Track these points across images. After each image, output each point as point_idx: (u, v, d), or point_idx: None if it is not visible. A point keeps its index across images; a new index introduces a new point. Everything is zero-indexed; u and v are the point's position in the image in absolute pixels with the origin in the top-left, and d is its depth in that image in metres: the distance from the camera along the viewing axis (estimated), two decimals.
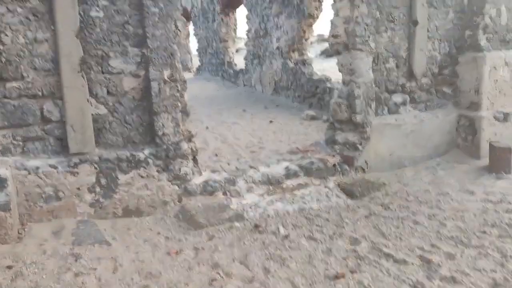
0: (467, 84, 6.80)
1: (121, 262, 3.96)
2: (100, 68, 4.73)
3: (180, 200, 5.12)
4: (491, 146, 6.13)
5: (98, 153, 4.75)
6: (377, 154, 6.36)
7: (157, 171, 4.98)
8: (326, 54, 22.45)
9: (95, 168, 4.70)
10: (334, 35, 6.36)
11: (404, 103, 6.71)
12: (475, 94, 6.66)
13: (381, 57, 6.41)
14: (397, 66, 6.58)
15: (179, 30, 4.91)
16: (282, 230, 4.62)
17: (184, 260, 4.02)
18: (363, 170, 6.29)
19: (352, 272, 3.71)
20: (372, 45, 6.17)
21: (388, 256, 3.96)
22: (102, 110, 4.80)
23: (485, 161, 6.31)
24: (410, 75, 6.65)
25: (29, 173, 4.44)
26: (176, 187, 5.10)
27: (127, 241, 4.37)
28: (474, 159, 6.53)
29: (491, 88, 6.66)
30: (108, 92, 4.79)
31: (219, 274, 3.76)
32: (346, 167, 6.19)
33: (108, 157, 4.74)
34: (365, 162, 6.28)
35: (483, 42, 6.72)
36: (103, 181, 4.74)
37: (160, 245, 4.32)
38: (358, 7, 6.00)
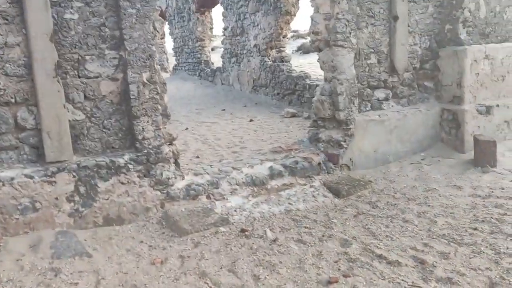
0: (448, 78, 6.77)
1: (104, 275, 3.78)
2: (76, 72, 4.54)
3: (162, 206, 4.96)
4: (476, 140, 6.10)
5: (76, 161, 4.56)
6: (362, 151, 6.29)
7: (138, 176, 4.81)
8: (303, 50, 22.44)
9: (74, 176, 4.50)
10: (314, 32, 6.26)
11: (386, 99, 6.67)
12: (457, 87, 6.64)
13: (362, 53, 6.36)
14: (378, 62, 6.52)
15: (157, 31, 4.75)
16: (269, 234, 4.49)
17: (169, 270, 3.85)
18: (348, 167, 6.22)
19: (345, 276, 3.59)
20: (354, 41, 6.09)
21: (380, 257, 3.85)
22: (80, 115, 4.61)
23: (469, 154, 6.30)
24: (392, 70, 6.61)
25: (3, 185, 4.21)
26: (158, 193, 4.94)
27: (109, 252, 4.19)
28: (459, 152, 6.52)
29: (473, 82, 6.64)
30: (85, 97, 4.61)
31: (207, 284, 3.60)
32: (331, 165, 6.10)
33: (86, 164, 4.55)
34: (350, 159, 6.21)
35: (463, 35, 6.71)
36: (82, 189, 4.55)
37: (143, 255, 4.14)
38: (339, 3, 5.91)
